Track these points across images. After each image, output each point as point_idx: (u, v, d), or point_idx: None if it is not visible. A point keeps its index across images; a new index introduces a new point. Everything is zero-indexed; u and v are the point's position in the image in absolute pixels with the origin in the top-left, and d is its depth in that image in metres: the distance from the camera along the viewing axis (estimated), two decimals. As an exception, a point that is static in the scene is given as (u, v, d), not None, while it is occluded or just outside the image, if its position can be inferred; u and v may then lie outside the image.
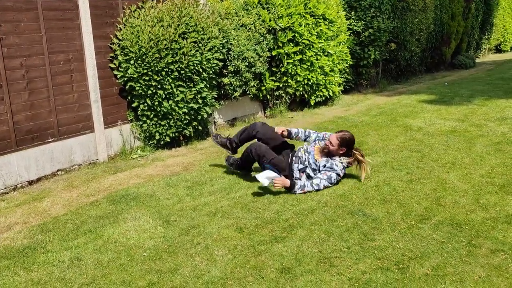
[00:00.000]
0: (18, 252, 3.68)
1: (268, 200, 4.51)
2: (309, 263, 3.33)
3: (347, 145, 4.84)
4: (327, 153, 4.85)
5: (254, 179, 4.86)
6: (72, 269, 3.39)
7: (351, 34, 10.13)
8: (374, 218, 4.01)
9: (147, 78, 6.11)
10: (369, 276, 3.15)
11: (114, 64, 6.21)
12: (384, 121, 7.66)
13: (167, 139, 6.51)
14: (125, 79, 6.21)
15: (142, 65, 6.05)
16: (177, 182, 5.20)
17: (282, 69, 8.26)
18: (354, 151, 4.91)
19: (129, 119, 6.51)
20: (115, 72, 6.23)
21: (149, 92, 6.17)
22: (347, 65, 9.65)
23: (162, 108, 6.27)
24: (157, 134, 6.45)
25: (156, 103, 6.24)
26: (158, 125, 6.42)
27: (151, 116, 6.36)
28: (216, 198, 4.66)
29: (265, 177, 4.51)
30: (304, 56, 8.32)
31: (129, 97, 6.42)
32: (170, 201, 4.64)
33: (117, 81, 6.27)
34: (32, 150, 5.38)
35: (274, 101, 8.57)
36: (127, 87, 6.28)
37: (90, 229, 4.06)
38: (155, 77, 6.09)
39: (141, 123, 6.48)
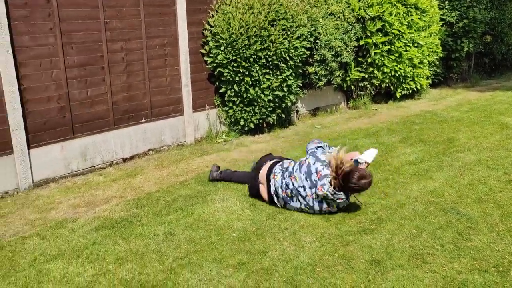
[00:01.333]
0: (117, 223, 3.93)
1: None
2: (400, 257, 3.25)
3: (353, 189, 3.80)
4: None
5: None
6: (166, 243, 3.56)
7: (444, 25, 9.63)
8: (469, 217, 3.82)
9: (235, 64, 6.22)
10: (465, 276, 3.01)
11: (205, 50, 6.38)
12: (477, 118, 7.23)
13: (251, 125, 6.60)
14: (215, 65, 6.36)
15: (232, 51, 6.16)
16: (262, 168, 5.26)
17: (369, 60, 8.04)
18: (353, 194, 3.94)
19: (216, 104, 6.68)
20: (205, 58, 6.40)
21: (237, 78, 6.27)
22: (437, 58, 9.20)
23: (248, 95, 6.36)
24: (242, 120, 6.57)
25: (243, 89, 6.34)
26: (243, 111, 6.53)
27: (237, 102, 6.48)
28: (301, 185, 4.66)
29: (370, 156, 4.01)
30: (392, 46, 8.04)
31: (217, 83, 6.58)
32: (256, 186, 4.70)
33: (207, 66, 6.45)
34: (127, 130, 5.70)
35: (358, 92, 8.39)
36: (216, 72, 6.43)
37: (181, 207, 4.23)
38: (243, 63, 6.18)
39: (227, 108, 6.62)
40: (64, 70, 4.99)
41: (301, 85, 7.06)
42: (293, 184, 3.93)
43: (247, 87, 6.32)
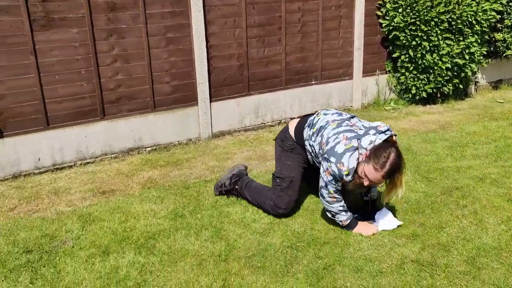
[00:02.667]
0: (287, 179, 4.06)
1: (550, 175, 3.89)
2: None
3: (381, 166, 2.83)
4: None
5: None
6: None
7: None
8: None
9: (413, 28, 5.82)
10: None
11: (381, 12, 6.08)
12: None
13: (424, 94, 6.19)
14: (390, 28, 6.04)
15: (411, 14, 5.76)
16: (435, 140, 4.93)
17: None
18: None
19: (387, 70, 6.38)
20: (381, 21, 6.11)
21: (413, 43, 5.88)
22: None
23: (424, 61, 5.93)
24: (413, 88, 6.19)
25: (419, 55, 5.93)
26: (416, 79, 6.14)
27: (411, 68, 6.10)
28: (482, 163, 4.25)
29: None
30: None
31: (390, 47, 6.26)
32: (429, 158, 4.43)
33: (381, 29, 6.16)
34: (297, 90, 5.79)
35: (555, 65, 7.24)
36: (390, 36, 6.11)
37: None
38: (423, 27, 5.75)
39: (399, 75, 6.29)
40: (245, 29, 5.22)
41: (485, 53, 6.34)
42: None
43: (424, 52, 5.89)
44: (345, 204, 3.12)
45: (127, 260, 2.85)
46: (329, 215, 3.18)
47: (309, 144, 3.23)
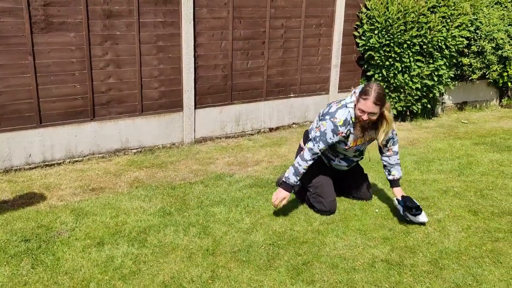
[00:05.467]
0: (267, 183, 4.34)
1: (506, 191, 4.30)
2: (554, 262, 3.15)
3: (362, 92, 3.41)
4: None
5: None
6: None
7: None
8: None
9: (387, 49, 6.24)
10: None
11: (358, 32, 6.49)
12: None
13: (394, 111, 6.60)
14: (366, 47, 6.45)
15: (386, 36, 6.19)
16: (404, 155, 5.30)
17: (532, 56, 7.43)
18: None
19: (362, 87, 6.78)
20: (357, 40, 6.51)
21: (387, 63, 6.30)
22: None
23: (396, 81, 6.35)
24: (385, 105, 6.59)
25: (391, 74, 6.36)
26: (388, 97, 6.55)
27: (384, 86, 6.51)
28: (446, 177, 4.64)
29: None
30: None
31: (365, 66, 6.67)
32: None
33: (358, 49, 6.56)
34: (276, 102, 6.10)
35: (514, 90, 7.82)
36: (366, 55, 6.52)
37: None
38: (396, 49, 6.18)
39: (372, 92, 6.69)
40: (231, 42, 5.51)
41: (452, 76, 6.83)
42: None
43: (396, 72, 6.32)
44: (303, 172, 3.56)
45: (121, 251, 3.06)
46: (289, 168, 3.59)
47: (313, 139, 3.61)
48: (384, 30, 6.19)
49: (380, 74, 6.46)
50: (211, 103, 5.58)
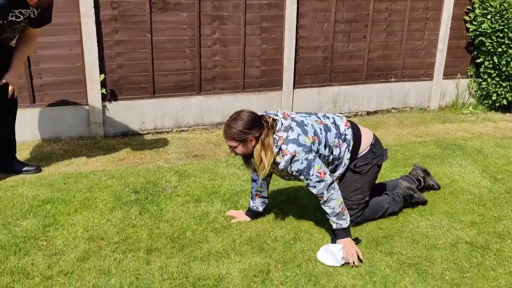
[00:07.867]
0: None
1: None
2: None
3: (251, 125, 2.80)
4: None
5: None
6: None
7: None
8: None
9: (501, 35, 5.88)
10: None
11: (469, 16, 6.19)
12: None
13: (504, 101, 6.22)
14: (477, 33, 6.13)
15: (499, 21, 5.83)
16: (509, 146, 5.04)
17: None
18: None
19: (469, 74, 6.47)
20: (468, 25, 6.21)
21: (499, 50, 5.94)
22: None
23: (508, 69, 5.97)
24: (494, 94, 6.24)
25: (504, 62, 5.98)
26: (498, 86, 6.18)
27: (494, 75, 6.15)
28: (554, 170, 4.34)
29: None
30: None
31: (474, 52, 6.34)
32: (499, 161, 4.58)
33: (467, 34, 6.26)
34: (376, 86, 6.08)
35: None
36: (476, 41, 6.20)
37: (417, 162, 4.46)
38: (510, 35, 5.80)
39: (480, 80, 6.36)
40: (333, 24, 5.60)
41: None
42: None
43: (509, 60, 5.94)
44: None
45: (215, 208, 3.40)
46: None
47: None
48: (498, 14, 5.84)
49: (491, 62, 6.11)
50: (310, 83, 5.74)
